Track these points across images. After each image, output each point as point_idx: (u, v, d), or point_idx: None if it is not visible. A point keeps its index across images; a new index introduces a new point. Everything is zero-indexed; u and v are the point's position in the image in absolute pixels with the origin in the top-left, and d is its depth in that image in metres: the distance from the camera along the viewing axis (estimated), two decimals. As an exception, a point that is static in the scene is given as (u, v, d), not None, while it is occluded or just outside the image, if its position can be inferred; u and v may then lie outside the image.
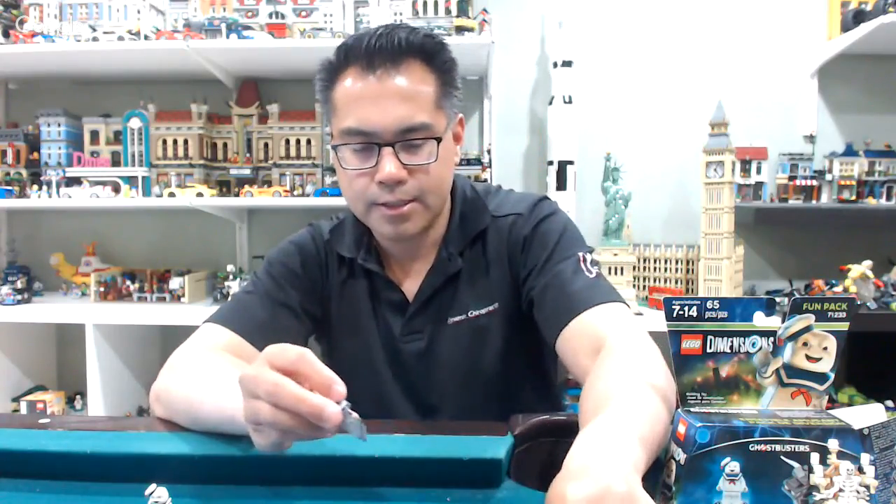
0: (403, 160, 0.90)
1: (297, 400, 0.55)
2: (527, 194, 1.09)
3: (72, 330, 2.16)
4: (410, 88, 0.89)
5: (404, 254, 1.04)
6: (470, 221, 1.04)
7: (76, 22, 2.15)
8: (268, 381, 0.56)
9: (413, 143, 0.90)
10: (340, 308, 1.06)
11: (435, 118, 0.91)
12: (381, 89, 0.89)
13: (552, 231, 1.00)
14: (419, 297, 1.02)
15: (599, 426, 0.57)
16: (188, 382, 0.80)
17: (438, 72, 0.93)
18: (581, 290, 0.90)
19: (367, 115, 0.89)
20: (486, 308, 1.02)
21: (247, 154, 2.28)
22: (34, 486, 0.66)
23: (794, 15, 2.33)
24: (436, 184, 0.94)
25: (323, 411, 0.54)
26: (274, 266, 1.03)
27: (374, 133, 0.89)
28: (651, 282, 2.26)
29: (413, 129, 0.89)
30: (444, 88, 0.94)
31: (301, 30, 2.13)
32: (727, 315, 0.56)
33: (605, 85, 2.39)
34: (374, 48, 0.89)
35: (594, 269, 0.94)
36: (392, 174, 0.89)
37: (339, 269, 1.06)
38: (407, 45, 0.89)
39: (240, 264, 2.39)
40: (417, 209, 0.94)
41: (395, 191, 0.91)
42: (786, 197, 2.26)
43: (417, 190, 0.92)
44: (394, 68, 0.89)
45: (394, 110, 0.88)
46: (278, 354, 0.58)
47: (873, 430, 0.51)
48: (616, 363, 0.75)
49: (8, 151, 2.24)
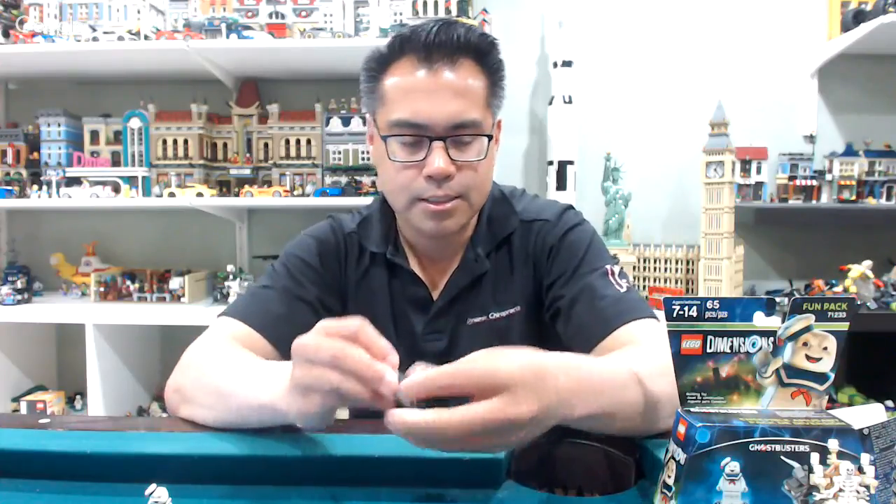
0: (453, 156, 0.90)
1: (362, 364, 0.56)
2: (552, 202, 1.08)
3: (72, 330, 2.16)
4: (464, 85, 0.90)
5: (433, 252, 1.03)
6: (498, 224, 1.03)
7: (76, 22, 2.16)
8: (334, 346, 0.57)
9: (463, 140, 0.90)
10: (358, 303, 1.04)
11: (485, 116, 0.92)
12: (437, 83, 0.89)
13: (580, 241, 0.99)
14: (444, 297, 1.02)
15: (578, 357, 0.63)
16: (217, 373, 0.77)
17: (490, 71, 0.94)
18: (612, 305, 0.89)
19: (421, 108, 0.89)
20: (507, 311, 1.01)
21: (247, 154, 2.28)
22: (34, 486, 0.66)
23: (794, 15, 2.33)
24: (481, 182, 0.94)
25: (384, 376, 0.56)
26: (291, 260, 1.02)
27: (426, 126, 0.89)
28: (651, 282, 2.26)
29: (464, 125, 0.89)
30: (493, 89, 0.95)
31: (301, 30, 2.13)
32: (727, 315, 0.55)
33: (605, 85, 2.39)
34: (433, 42, 0.88)
35: (624, 283, 0.93)
36: (441, 169, 0.88)
37: (358, 262, 1.05)
38: (464, 42, 0.90)
39: (240, 264, 2.39)
40: (461, 206, 0.93)
41: (442, 186, 0.90)
42: (786, 197, 2.26)
43: (463, 187, 0.92)
44: (450, 63, 0.89)
45: (447, 105, 0.88)
46: (338, 325, 0.59)
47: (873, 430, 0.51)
48: (626, 352, 0.78)
49: (8, 151, 2.25)
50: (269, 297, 0.97)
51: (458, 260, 1.02)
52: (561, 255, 0.99)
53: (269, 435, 0.69)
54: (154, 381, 2.34)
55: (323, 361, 0.57)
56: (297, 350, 0.60)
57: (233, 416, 0.73)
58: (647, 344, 0.82)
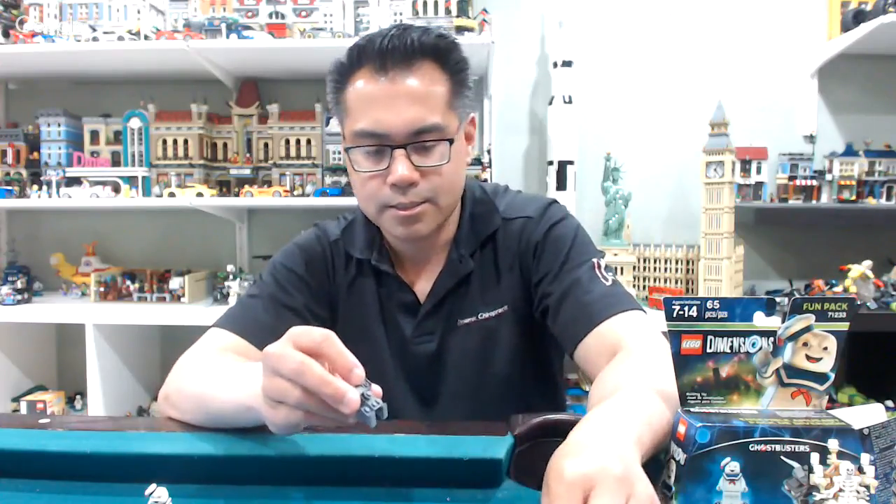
0: (415, 162, 0.89)
1: (321, 382, 0.56)
2: (535, 196, 1.08)
3: (72, 330, 2.16)
4: (422, 89, 0.89)
5: (416, 255, 1.04)
6: (481, 223, 1.03)
7: (76, 22, 2.15)
8: (294, 359, 0.57)
9: (425, 145, 0.90)
10: (348, 309, 1.05)
11: (447, 119, 0.91)
12: (393, 91, 0.88)
13: (564, 237, 0.99)
14: (431, 299, 1.02)
15: (604, 409, 0.59)
16: (199, 379, 0.80)
17: (451, 72, 0.93)
18: (599, 299, 0.89)
19: (379, 117, 0.89)
20: (496, 310, 1.02)
21: (247, 154, 2.28)
22: (34, 486, 0.66)
23: (794, 15, 2.33)
24: (448, 185, 0.93)
25: (344, 396, 0.56)
26: (278, 269, 1.03)
27: (386, 135, 0.89)
28: (651, 282, 2.26)
29: (425, 131, 0.89)
30: (457, 89, 0.93)
31: (301, 30, 2.13)
32: (727, 315, 0.56)
33: (605, 85, 2.39)
34: (387, 49, 0.88)
35: (609, 276, 0.94)
36: (404, 176, 0.88)
37: (346, 269, 1.05)
38: (419, 46, 0.89)
39: (240, 264, 2.39)
40: (429, 210, 0.93)
41: (408, 193, 0.90)
42: (786, 197, 2.26)
43: (430, 191, 0.92)
44: (406, 69, 0.89)
45: (405, 112, 0.88)
46: (304, 334, 0.59)
47: (873, 430, 0.51)
48: (628, 362, 0.77)
49: (8, 151, 2.24)
50: (256, 306, 0.99)
51: (443, 262, 1.03)
52: (546, 251, 0.99)
53: (269, 435, 0.69)
54: (154, 381, 2.34)
55: (285, 375, 0.57)
56: (264, 359, 0.60)
57: (214, 418, 0.75)
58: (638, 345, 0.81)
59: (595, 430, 0.54)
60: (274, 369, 0.59)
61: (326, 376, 0.56)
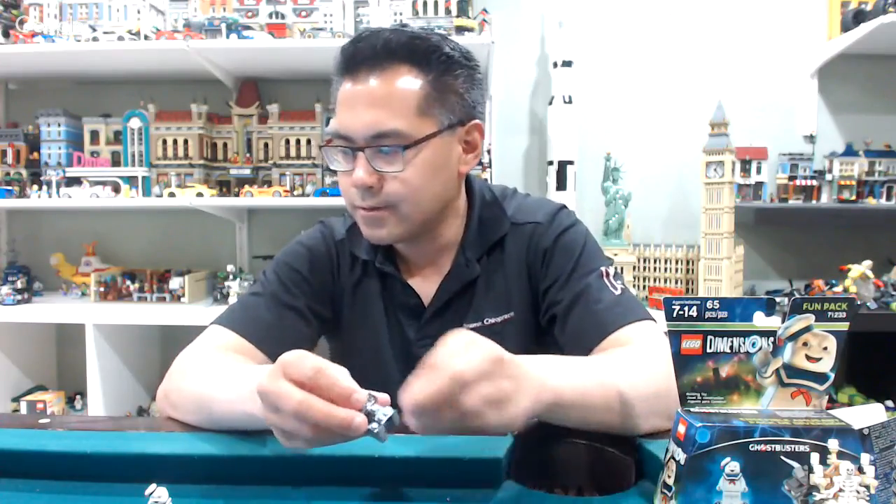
0: (375, 166, 0.88)
1: (326, 416, 0.57)
2: (544, 201, 1.07)
3: (72, 330, 2.16)
4: (385, 93, 0.87)
5: (421, 257, 1.02)
6: (489, 227, 1.02)
7: (76, 22, 2.15)
8: (293, 399, 0.57)
9: (382, 150, 0.88)
10: (353, 309, 1.04)
11: (414, 125, 0.88)
12: (356, 94, 0.88)
13: (574, 243, 0.98)
14: (436, 303, 1.01)
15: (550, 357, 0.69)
16: (202, 381, 0.79)
17: (431, 74, 0.89)
18: (608, 309, 0.89)
19: (343, 119, 0.89)
20: (502, 316, 1.00)
21: (247, 154, 2.28)
22: (34, 486, 0.66)
23: (794, 15, 2.33)
24: (410, 193, 0.89)
25: (352, 423, 0.57)
26: (281, 267, 1.02)
27: (350, 137, 0.89)
28: (651, 282, 2.26)
29: (383, 136, 0.87)
30: (436, 93, 0.89)
31: (301, 30, 2.13)
32: (727, 315, 0.55)
33: (605, 85, 2.39)
34: (356, 51, 0.88)
35: (619, 284, 0.93)
36: (360, 179, 0.88)
37: (351, 269, 1.04)
38: (387, 47, 0.88)
39: (240, 264, 2.39)
40: (389, 217, 0.91)
41: (366, 197, 0.90)
42: (786, 197, 2.26)
43: (389, 197, 0.89)
44: (372, 72, 0.87)
45: (364, 115, 0.87)
46: (295, 366, 0.59)
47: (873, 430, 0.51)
48: (621, 351, 0.80)
49: (8, 151, 2.24)
50: (258, 305, 0.98)
51: (449, 265, 1.01)
52: (555, 258, 0.98)
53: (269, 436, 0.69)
54: (154, 381, 2.34)
55: (288, 413, 0.58)
56: (262, 395, 0.60)
57: (215, 422, 0.75)
58: (636, 346, 0.82)
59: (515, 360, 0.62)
60: (273, 406, 0.59)
61: (330, 409, 0.57)
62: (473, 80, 0.94)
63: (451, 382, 0.57)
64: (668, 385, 0.58)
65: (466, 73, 0.93)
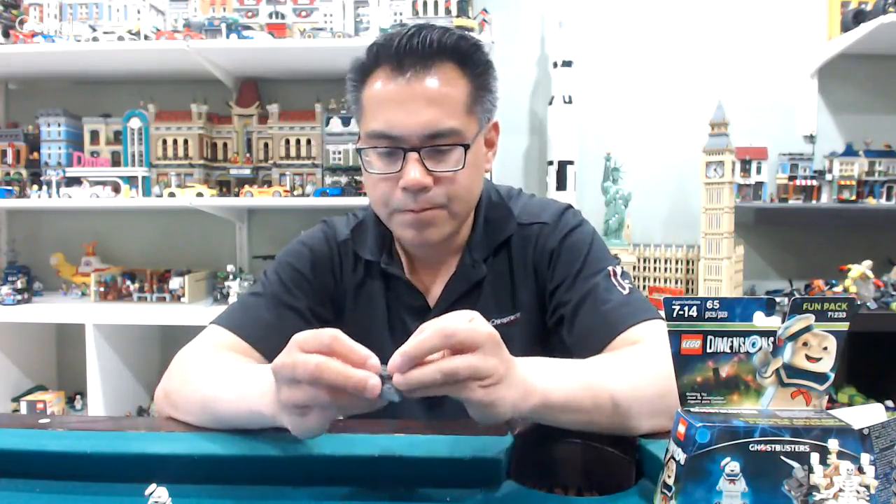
0: (429, 166, 0.87)
1: (344, 376, 0.57)
2: (550, 202, 1.06)
3: (72, 330, 2.16)
4: (440, 92, 0.86)
5: (427, 258, 1.02)
6: (495, 227, 1.01)
7: (76, 22, 2.16)
8: (309, 363, 0.57)
9: (440, 149, 0.87)
10: (356, 310, 1.03)
11: (465, 123, 0.88)
12: (410, 92, 0.85)
13: (581, 243, 0.97)
14: (441, 304, 0.99)
15: None
16: (202, 381, 0.78)
17: (472, 75, 0.90)
18: (617, 308, 0.88)
19: (394, 119, 0.86)
20: (509, 317, 0.99)
21: (247, 154, 2.28)
22: (34, 486, 0.66)
23: (794, 15, 2.33)
24: (463, 192, 0.90)
25: (367, 383, 0.57)
26: (283, 268, 1.01)
27: (400, 137, 0.86)
28: (651, 282, 2.26)
29: (440, 135, 0.86)
30: (477, 92, 0.90)
31: (301, 30, 2.13)
32: (727, 315, 0.55)
33: (605, 85, 2.39)
34: (405, 49, 0.86)
35: (626, 284, 0.92)
36: (417, 181, 0.85)
37: (354, 270, 1.03)
38: (439, 46, 0.86)
39: (240, 264, 2.39)
40: (442, 216, 0.90)
41: (419, 198, 0.87)
42: (786, 197, 2.26)
43: (443, 197, 0.88)
44: (424, 70, 0.86)
45: (421, 114, 0.85)
46: (310, 339, 0.59)
47: (873, 430, 0.51)
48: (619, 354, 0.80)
49: (8, 151, 2.24)
50: (258, 305, 0.97)
51: (455, 266, 1.00)
52: (562, 259, 0.97)
53: (269, 435, 0.69)
54: (154, 381, 2.31)
55: (305, 379, 0.58)
56: (277, 371, 0.60)
57: (220, 422, 0.74)
58: (643, 345, 0.81)
59: None
60: (290, 378, 0.59)
61: (347, 369, 0.57)
62: (496, 79, 0.95)
63: (438, 334, 0.58)
64: (673, 384, 0.58)
65: (494, 72, 0.94)
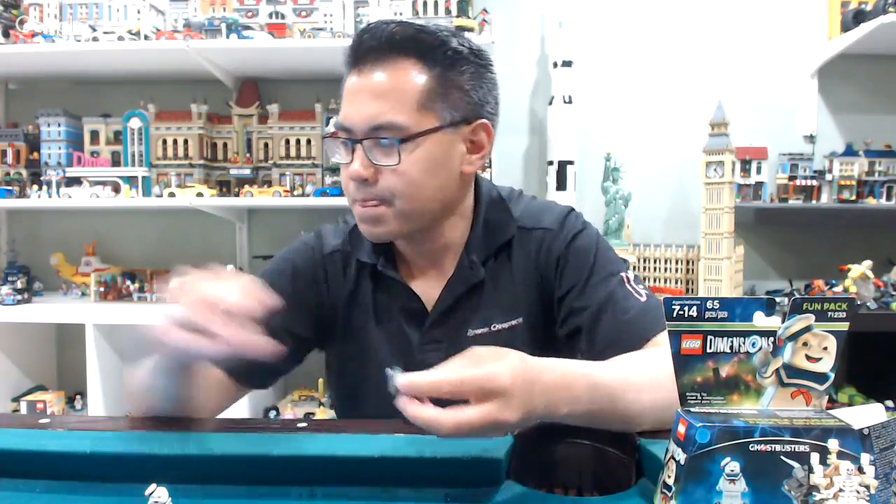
0: (373, 160, 0.87)
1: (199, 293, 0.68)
2: (551, 204, 1.05)
3: (72, 330, 2.16)
4: (388, 85, 0.86)
5: (424, 260, 1.00)
6: (495, 230, 1.00)
7: (76, 22, 2.16)
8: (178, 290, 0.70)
9: (381, 143, 0.87)
10: (349, 318, 1.01)
11: (415, 119, 0.86)
12: (361, 86, 0.87)
13: (587, 248, 0.96)
14: (439, 307, 0.98)
15: None
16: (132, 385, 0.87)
17: (436, 69, 0.88)
18: (639, 317, 0.88)
19: (347, 111, 0.89)
20: (510, 322, 0.98)
21: (247, 154, 2.28)
22: (34, 486, 0.66)
23: (794, 15, 2.33)
24: (405, 188, 0.88)
25: None
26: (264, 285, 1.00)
27: (350, 129, 0.88)
28: (651, 282, 2.26)
29: (381, 128, 0.86)
30: (440, 89, 0.88)
31: (301, 30, 2.13)
32: (727, 315, 0.55)
33: (605, 85, 2.39)
34: (361, 44, 0.88)
35: (642, 290, 0.92)
36: (354, 171, 0.87)
37: (344, 279, 1.01)
38: (391, 40, 0.87)
39: (240, 264, 2.39)
40: (386, 213, 0.89)
41: (362, 190, 0.88)
42: (786, 197, 2.26)
43: (386, 192, 0.88)
44: (377, 64, 0.87)
45: (366, 107, 0.86)
46: None
47: (873, 430, 0.51)
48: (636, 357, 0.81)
49: (8, 151, 2.24)
50: None
51: (453, 268, 0.99)
52: (569, 265, 0.96)
53: (269, 435, 0.70)
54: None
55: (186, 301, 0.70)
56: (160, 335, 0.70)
57: (144, 395, 0.84)
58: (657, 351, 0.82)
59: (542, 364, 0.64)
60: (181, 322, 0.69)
61: None
62: (483, 77, 0.93)
63: (444, 384, 0.59)
64: None
65: (474, 69, 0.92)
